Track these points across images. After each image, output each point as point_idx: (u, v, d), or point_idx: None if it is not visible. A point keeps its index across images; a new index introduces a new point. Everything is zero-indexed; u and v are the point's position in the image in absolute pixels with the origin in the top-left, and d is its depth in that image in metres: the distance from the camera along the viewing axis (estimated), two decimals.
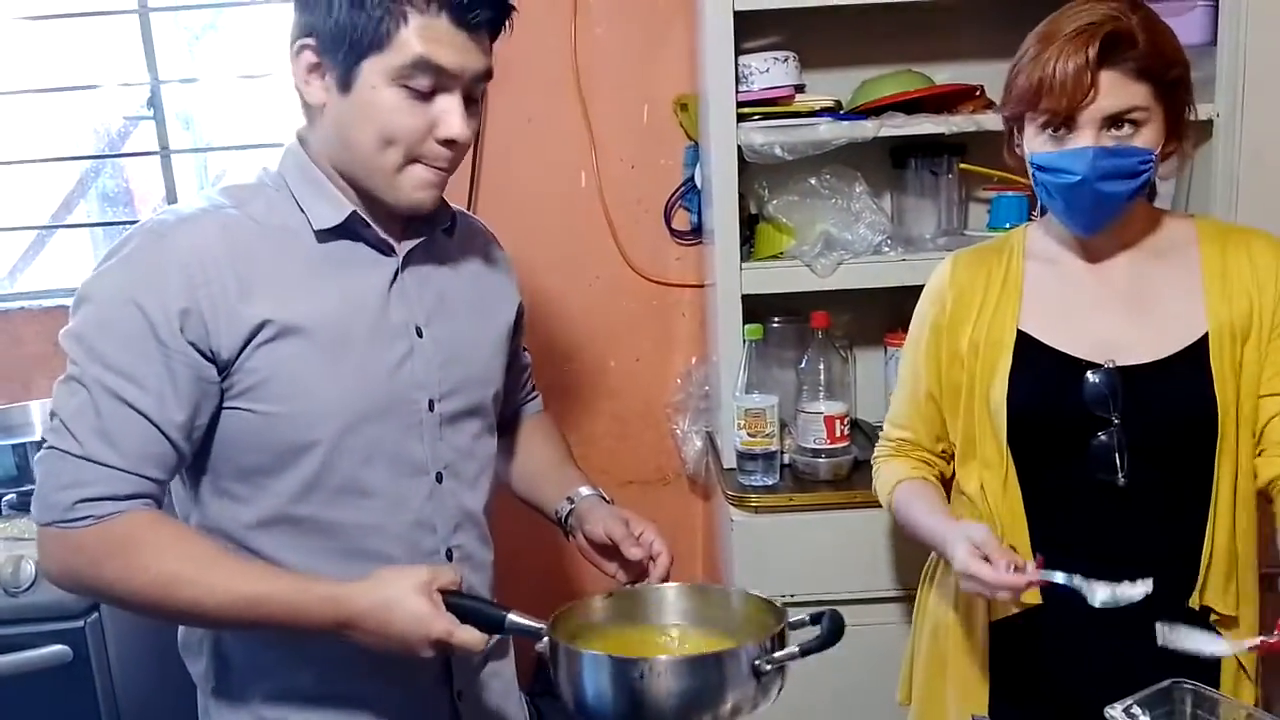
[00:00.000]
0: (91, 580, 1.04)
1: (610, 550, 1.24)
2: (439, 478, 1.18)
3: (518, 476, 1.43)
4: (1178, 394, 1.26)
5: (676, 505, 2.32)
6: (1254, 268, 1.27)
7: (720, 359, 1.95)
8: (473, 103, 1.12)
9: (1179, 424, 1.26)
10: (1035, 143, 1.26)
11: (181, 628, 1.21)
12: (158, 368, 1.03)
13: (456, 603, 1.04)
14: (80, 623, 1.66)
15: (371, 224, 1.15)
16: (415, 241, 1.18)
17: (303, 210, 1.12)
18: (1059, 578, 1.17)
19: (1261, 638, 1.12)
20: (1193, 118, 1.29)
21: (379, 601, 1.02)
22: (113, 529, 1.02)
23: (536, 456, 1.43)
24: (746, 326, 1.88)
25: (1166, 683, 1.07)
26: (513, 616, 1.05)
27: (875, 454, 1.51)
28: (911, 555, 1.83)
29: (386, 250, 1.16)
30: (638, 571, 1.23)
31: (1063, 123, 1.21)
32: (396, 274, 1.17)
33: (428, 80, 1.06)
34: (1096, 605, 1.15)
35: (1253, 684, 1.31)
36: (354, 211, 1.13)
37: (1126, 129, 1.20)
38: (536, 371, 1.51)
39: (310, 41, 1.07)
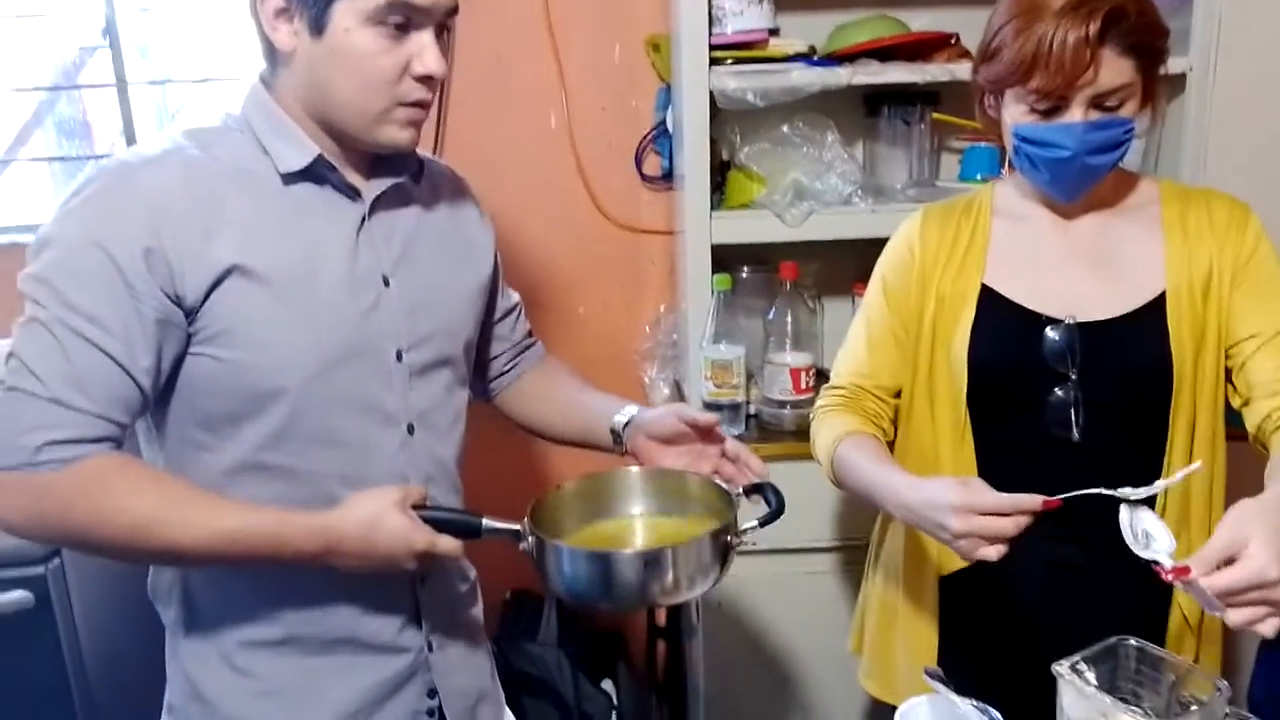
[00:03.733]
0: (59, 525, 1.03)
1: (678, 440, 1.26)
2: (410, 429, 1.19)
3: (548, 412, 1.41)
4: (1134, 351, 1.27)
5: None
6: (1213, 224, 1.28)
7: (688, 308, 1.95)
8: (442, 36, 1.11)
9: (1135, 380, 1.27)
10: (1017, 112, 1.24)
11: (151, 573, 1.21)
12: (124, 309, 1.02)
13: (431, 516, 1.08)
14: (41, 569, 1.64)
15: (338, 167, 1.13)
16: (382, 186, 1.17)
17: (267, 153, 1.11)
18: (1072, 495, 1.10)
19: (1184, 563, 1.03)
20: (1163, 72, 1.28)
21: (363, 521, 1.04)
22: (83, 472, 1.01)
23: (567, 388, 1.43)
24: (715, 276, 1.87)
25: (1111, 640, 1.09)
26: (488, 521, 1.09)
27: (819, 404, 1.45)
28: (871, 505, 1.86)
29: (353, 195, 1.15)
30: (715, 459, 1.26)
31: (1056, 102, 1.20)
32: (363, 220, 1.15)
33: (401, 18, 1.06)
34: (1132, 499, 1.10)
35: (1195, 640, 1.34)
36: (320, 154, 1.11)
37: (1113, 102, 1.20)
38: None
39: None
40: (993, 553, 1.12)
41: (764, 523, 1.13)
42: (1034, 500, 1.10)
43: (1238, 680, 1.84)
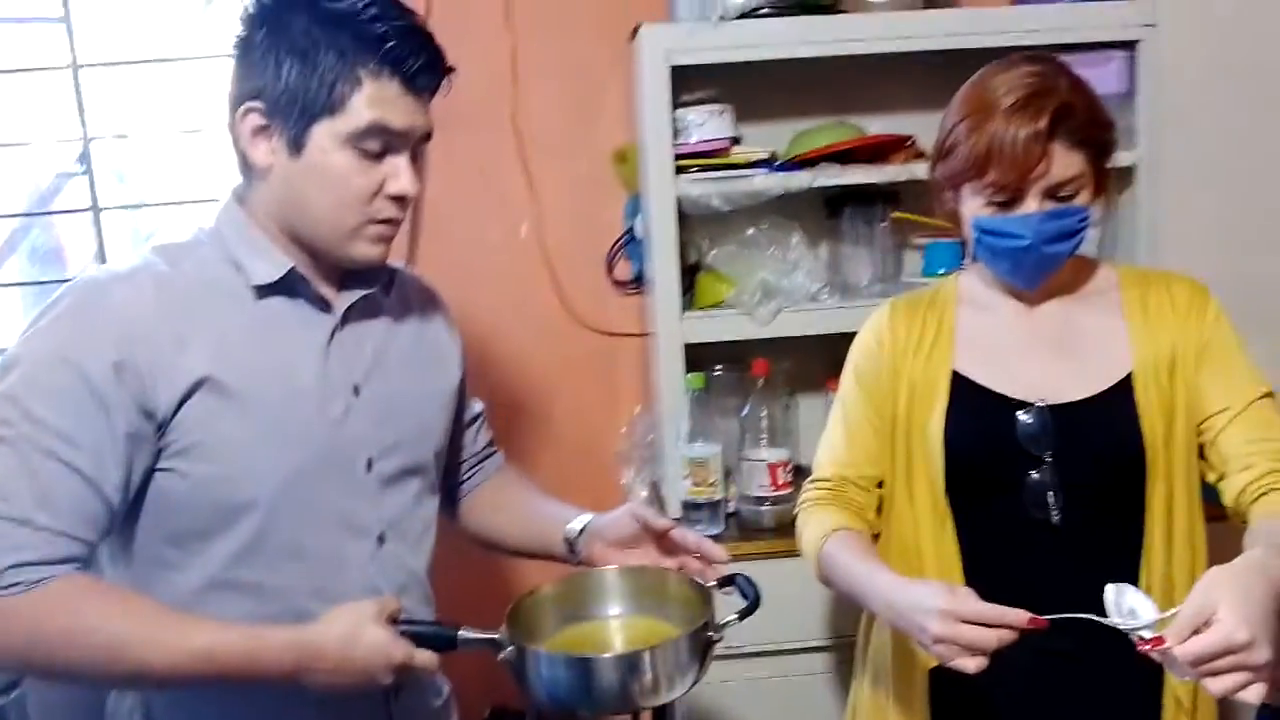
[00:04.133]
0: (24, 650, 0.99)
1: (635, 544, 1.25)
2: (381, 539, 1.17)
3: (502, 524, 1.40)
4: (1106, 430, 1.28)
5: None
6: (1174, 306, 1.32)
7: (663, 409, 1.95)
8: (415, 158, 1.14)
9: (1108, 459, 1.28)
10: (974, 205, 1.28)
11: (111, 699, 1.17)
12: (93, 424, 1.01)
13: (408, 629, 1.06)
14: (1, 699, 1.59)
15: (310, 280, 1.14)
16: (353, 298, 1.18)
17: (239, 267, 1.12)
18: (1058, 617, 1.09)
19: (1159, 634, 1.03)
20: (1112, 165, 1.33)
21: (341, 635, 1.02)
22: (50, 593, 0.98)
23: (522, 498, 1.42)
24: (688, 376, 1.89)
25: None
26: (464, 633, 1.07)
27: (803, 499, 1.44)
28: (857, 604, 1.84)
29: (324, 307, 1.16)
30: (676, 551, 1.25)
31: (1012, 195, 1.24)
32: (334, 331, 1.16)
33: (379, 143, 1.09)
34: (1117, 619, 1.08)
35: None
36: (293, 268, 1.13)
37: (1066, 192, 1.24)
38: None
39: (257, 104, 1.08)
40: (972, 665, 1.09)
41: (743, 615, 1.12)
42: (1020, 616, 1.08)
43: None
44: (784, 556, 1.82)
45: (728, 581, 1.17)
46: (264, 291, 1.12)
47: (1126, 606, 1.09)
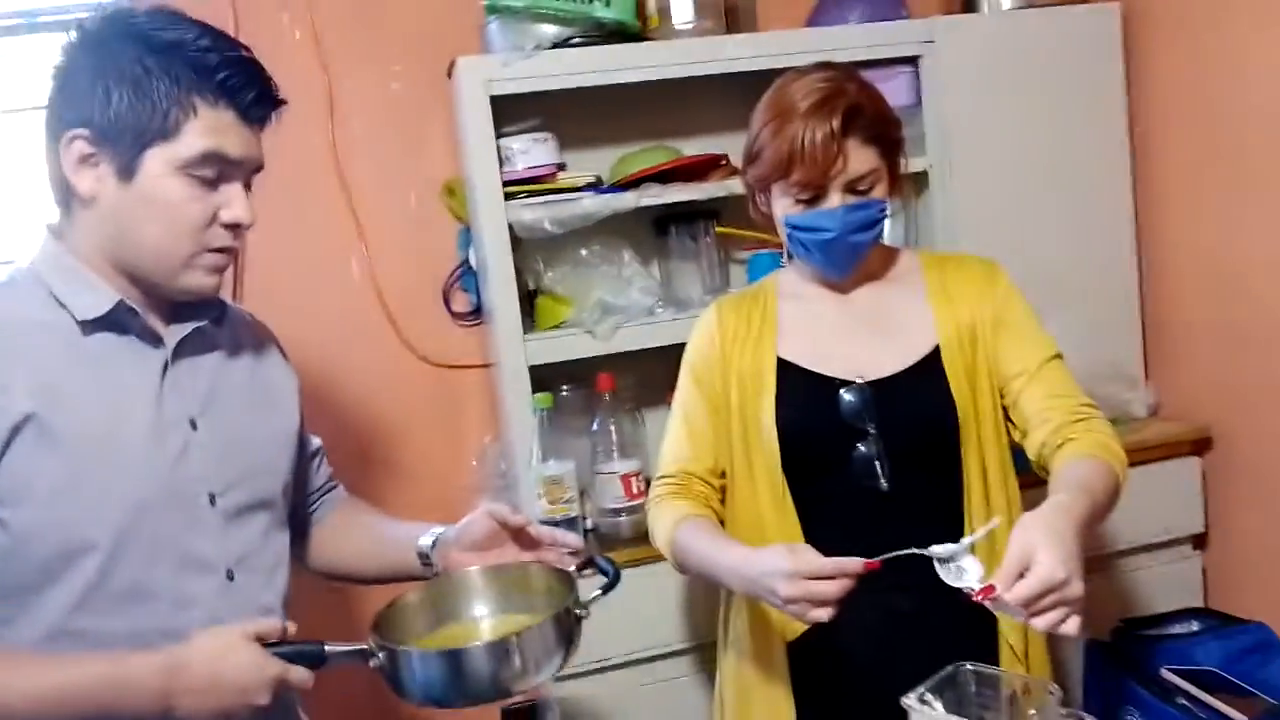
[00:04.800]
0: None
1: (491, 545, 1.26)
2: (230, 575, 1.15)
3: (352, 553, 1.39)
4: (921, 400, 1.39)
5: None
6: (971, 281, 1.45)
7: (513, 434, 1.97)
8: (248, 189, 1.14)
9: (925, 426, 1.39)
10: (784, 205, 1.38)
11: None
12: None
13: (279, 651, 1.04)
14: None
15: (140, 313, 1.12)
16: (185, 331, 1.16)
17: (62, 305, 1.08)
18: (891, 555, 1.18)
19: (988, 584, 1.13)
20: (906, 170, 1.46)
21: (209, 655, 1.00)
22: None
23: (369, 521, 1.41)
24: (536, 395, 1.91)
25: (950, 668, 1.16)
26: (330, 647, 1.06)
27: (651, 495, 1.50)
28: (715, 600, 1.90)
29: (155, 341, 1.14)
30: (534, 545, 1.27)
31: (815, 191, 1.34)
32: (166, 366, 1.13)
33: (213, 170, 1.08)
34: (938, 560, 1.17)
35: (1025, 667, 1.42)
36: (120, 300, 1.10)
37: (864, 186, 1.35)
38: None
39: (83, 132, 1.06)
40: (823, 615, 1.18)
41: (606, 590, 1.16)
42: (855, 563, 1.17)
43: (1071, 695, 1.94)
44: (645, 563, 1.87)
45: (587, 564, 1.21)
46: (90, 327, 1.09)
47: (955, 565, 1.18)
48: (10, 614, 1.04)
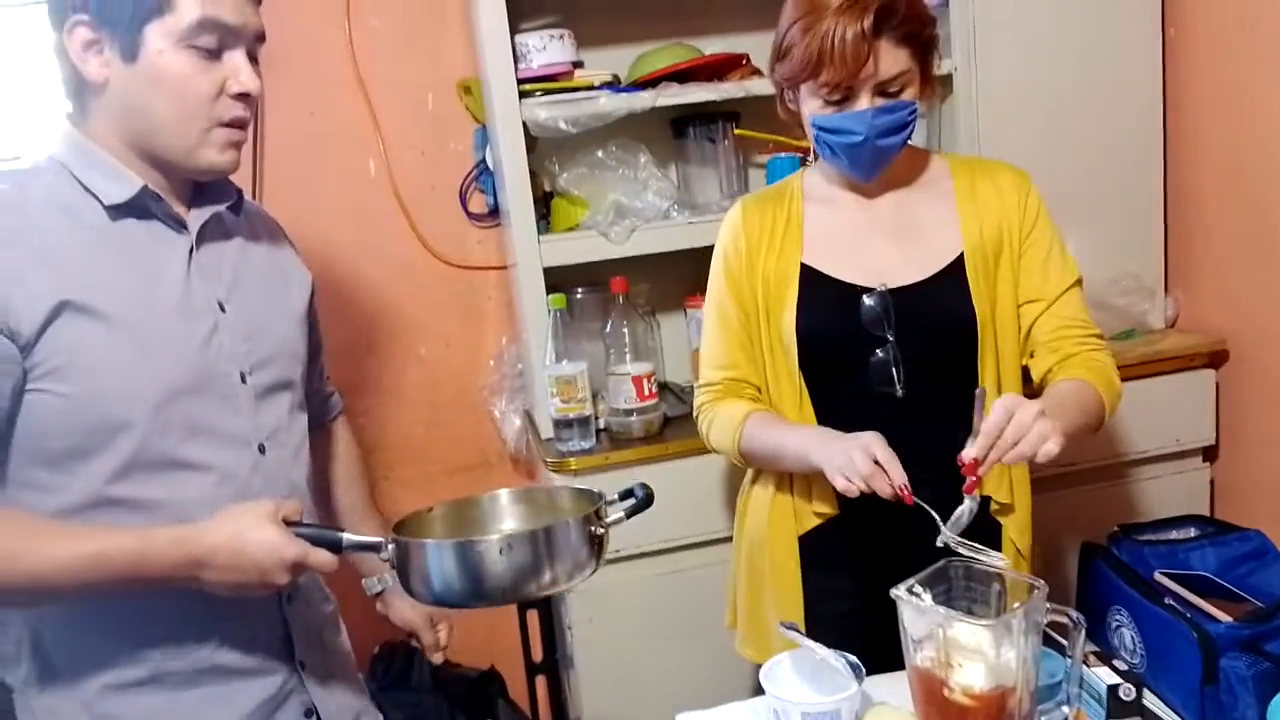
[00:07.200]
0: None
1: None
2: (262, 449, 1.18)
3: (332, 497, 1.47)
4: (940, 309, 1.39)
5: (502, 485, 2.33)
6: (1000, 193, 1.43)
7: (529, 335, 1.99)
8: (254, 62, 1.14)
9: (943, 335, 1.39)
10: (813, 105, 1.35)
11: None
12: None
13: (299, 531, 1.06)
14: None
15: (163, 198, 1.13)
16: (206, 215, 1.18)
17: (89, 191, 1.10)
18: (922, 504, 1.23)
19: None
20: (939, 70, 1.43)
21: (231, 533, 1.03)
22: None
23: (342, 492, 1.48)
24: (550, 297, 1.92)
25: (940, 562, 1.19)
26: (348, 536, 1.08)
27: (700, 401, 1.51)
28: (726, 496, 1.94)
29: (179, 226, 1.16)
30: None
31: (845, 93, 1.31)
32: (192, 250, 1.16)
33: (214, 39, 1.09)
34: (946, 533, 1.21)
35: (1027, 565, 1.46)
36: (145, 186, 1.11)
37: (895, 88, 1.32)
38: (346, 366, 1.51)
39: (83, 17, 1.06)
40: (853, 490, 1.23)
41: (631, 512, 1.13)
42: (901, 480, 1.22)
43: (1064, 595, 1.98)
44: (655, 461, 1.91)
45: (627, 494, 1.17)
46: (117, 213, 1.11)
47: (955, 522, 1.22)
48: (56, 481, 1.07)
